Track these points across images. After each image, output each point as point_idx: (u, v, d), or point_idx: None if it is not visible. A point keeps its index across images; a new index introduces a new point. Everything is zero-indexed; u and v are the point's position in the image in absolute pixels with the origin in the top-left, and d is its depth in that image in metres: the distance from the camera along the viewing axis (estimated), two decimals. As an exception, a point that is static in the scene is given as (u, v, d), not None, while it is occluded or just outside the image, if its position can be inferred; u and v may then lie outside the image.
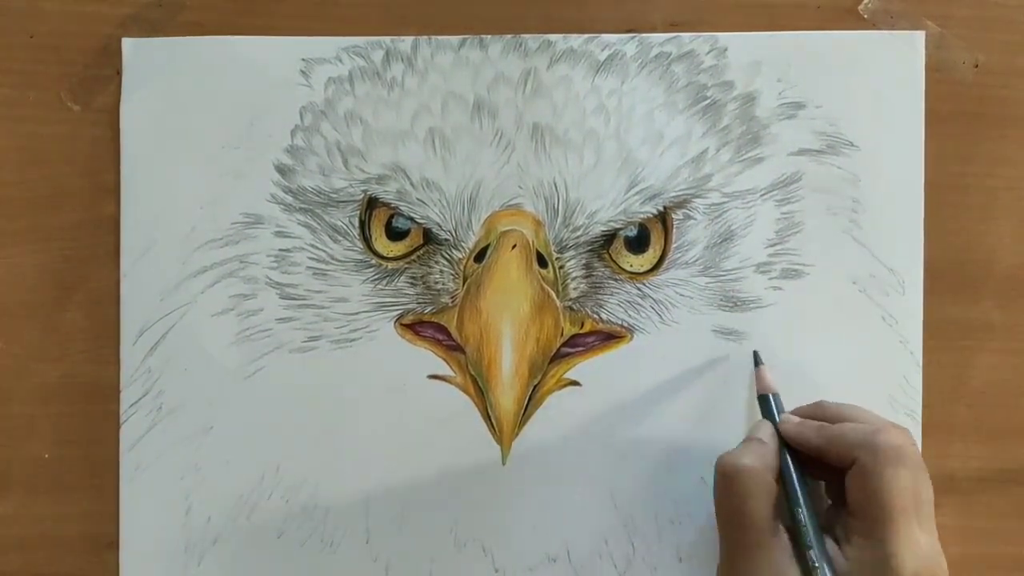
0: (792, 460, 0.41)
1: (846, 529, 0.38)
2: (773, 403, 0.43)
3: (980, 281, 0.46)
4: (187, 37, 0.46)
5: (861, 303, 0.46)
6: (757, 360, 0.45)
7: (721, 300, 0.45)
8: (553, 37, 0.45)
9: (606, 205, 0.44)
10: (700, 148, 0.45)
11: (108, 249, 0.46)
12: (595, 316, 0.45)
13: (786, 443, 0.41)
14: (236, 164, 0.46)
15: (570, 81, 0.45)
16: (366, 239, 0.46)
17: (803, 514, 0.39)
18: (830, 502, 0.41)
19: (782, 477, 0.40)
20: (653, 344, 0.45)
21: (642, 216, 0.45)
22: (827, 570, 0.37)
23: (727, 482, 0.39)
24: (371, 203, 0.45)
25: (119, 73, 0.46)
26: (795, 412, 0.43)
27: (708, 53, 0.45)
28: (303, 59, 0.46)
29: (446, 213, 0.45)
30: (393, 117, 0.45)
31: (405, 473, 0.45)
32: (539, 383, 0.45)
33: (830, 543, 0.38)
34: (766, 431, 0.42)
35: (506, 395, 0.44)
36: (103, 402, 0.46)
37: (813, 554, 0.37)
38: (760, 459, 0.39)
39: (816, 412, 0.42)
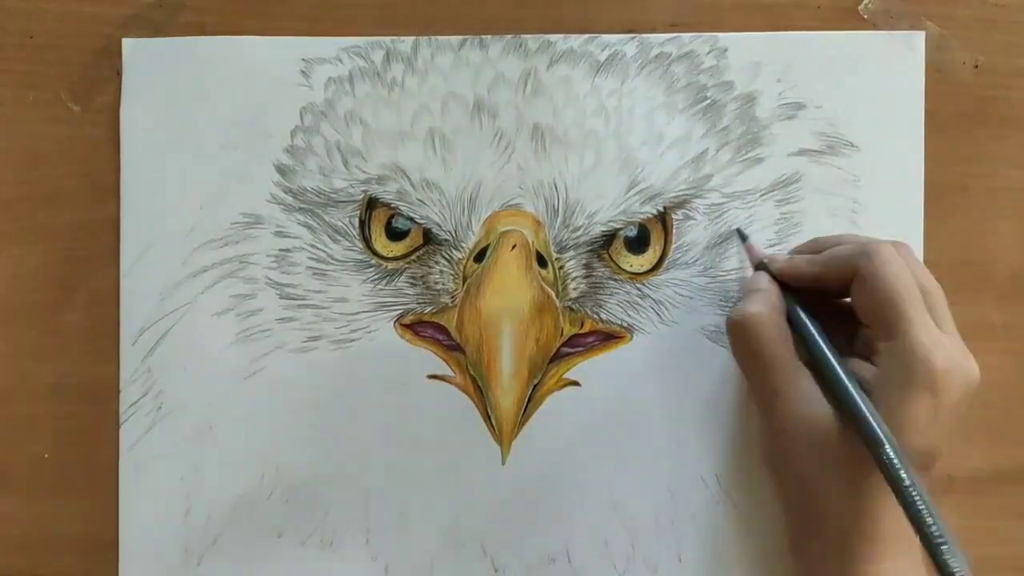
0: (795, 298, 0.41)
1: (868, 343, 0.39)
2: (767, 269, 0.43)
3: (980, 281, 0.46)
4: (187, 37, 0.46)
5: (861, 303, 0.45)
6: (743, 236, 0.44)
7: (721, 300, 0.45)
8: (553, 37, 0.45)
9: (606, 205, 0.44)
10: (700, 148, 0.45)
11: (108, 249, 0.46)
12: (595, 316, 0.45)
13: (786, 285, 0.41)
14: (236, 164, 0.46)
15: (570, 81, 0.45)
16: (366, 239, 0.46)
17: (817, 338, 0.39)
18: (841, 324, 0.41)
19: (790, 319, 0.40)
20: (653, 344, 0.45)
21: (642, 216, 0.45)
22: (852, 387, 0.37)
23: (738, 333, 0.39)
24: (371, 203, 0.45)
25: (119, 73, 0.46)
26: (790, 251, 0.44)
27: (708, 53, 0.45)
28: (303, 59, 0.46)
29: (446, 213, 0.45)
30: (393, 117, 0.45)
31: (405, 473, 0.45)
32: (539, 383, 0.45)
33: (858, 362, 0.39)
34: (763, 279, 0.42)
35: (506, 395, 0.44)
36: (103, 402, 0.46)
37: (839, 373, 0.37)
38: (765, 304, 0.40)
39: (808, 247, 0.43)
